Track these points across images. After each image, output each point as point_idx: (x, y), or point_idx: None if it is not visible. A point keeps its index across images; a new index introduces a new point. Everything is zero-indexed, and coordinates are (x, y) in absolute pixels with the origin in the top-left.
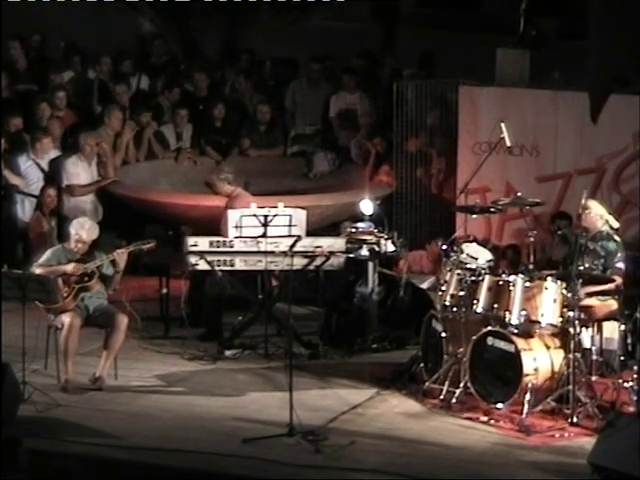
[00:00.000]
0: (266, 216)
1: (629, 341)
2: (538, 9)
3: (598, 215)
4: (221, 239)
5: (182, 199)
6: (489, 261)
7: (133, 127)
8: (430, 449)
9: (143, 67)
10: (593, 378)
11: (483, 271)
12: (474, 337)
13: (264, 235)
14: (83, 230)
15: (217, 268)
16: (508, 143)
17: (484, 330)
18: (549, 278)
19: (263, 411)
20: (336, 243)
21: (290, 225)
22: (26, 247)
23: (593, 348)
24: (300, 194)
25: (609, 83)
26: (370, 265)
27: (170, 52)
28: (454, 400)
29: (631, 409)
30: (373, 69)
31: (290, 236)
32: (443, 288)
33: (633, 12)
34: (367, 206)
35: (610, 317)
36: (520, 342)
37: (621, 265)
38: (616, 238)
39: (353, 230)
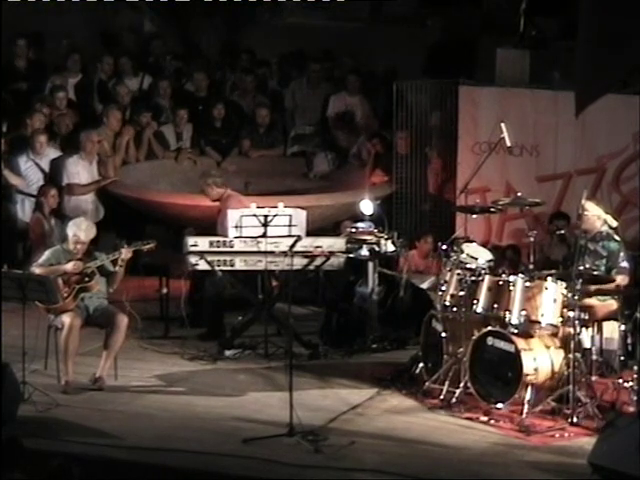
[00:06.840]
0: (266, 216)
1: (629, 341)
2: (538, 9)
3: (595, 216)
4: (221, 239)
5: (182, 199)
6: (489, 261)
7: (133, 127)
8: (430, 449)
9: (143, 67)
10: (593, 378)
11: (483, 271)
12: (474, 337)
13: (264, 235)
14: (80, 231)
15: (217, 268)
16: (508, 143)
17: (484, 330)
18: (549, 278)
19: (263, 411)
20: (336, 243)
21: (290, 225)
22: (26, 247)
23: (593, 348)
24: (300, 194)
25: (601, 83)
26: (370, 265)
27: (170, 52)
28: (454, 400)
29: (631, 409)
30: (372, 69)
31: (290, 236)
32: (443, 288)
33: (622, 10)
34: (367, 206)
35: (610, 317)
36: (520, 342)
37: (626, 264)
38: (616, 238)
39: (353, 230)
